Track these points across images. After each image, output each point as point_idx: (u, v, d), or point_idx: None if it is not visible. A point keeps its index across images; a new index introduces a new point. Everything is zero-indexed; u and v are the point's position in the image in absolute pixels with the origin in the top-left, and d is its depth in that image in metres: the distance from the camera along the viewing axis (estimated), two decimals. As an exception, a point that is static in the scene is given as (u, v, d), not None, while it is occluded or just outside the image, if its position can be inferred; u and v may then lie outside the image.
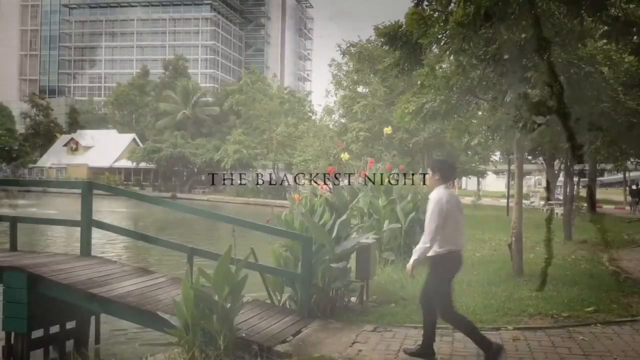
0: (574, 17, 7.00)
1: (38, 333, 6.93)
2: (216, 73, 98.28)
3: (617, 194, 44.37)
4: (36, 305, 6.59)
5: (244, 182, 55.61)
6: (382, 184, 10.89)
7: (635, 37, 7.41)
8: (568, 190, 17.13)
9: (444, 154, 29.74)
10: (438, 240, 5.15)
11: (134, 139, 69.27)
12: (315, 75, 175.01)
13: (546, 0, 6.89)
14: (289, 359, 5.34)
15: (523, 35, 7.54)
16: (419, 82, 9.98)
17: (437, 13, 8.69)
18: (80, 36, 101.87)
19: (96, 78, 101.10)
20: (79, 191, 8.26)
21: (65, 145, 70.30)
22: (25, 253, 8.28)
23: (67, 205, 36.43)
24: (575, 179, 19.90)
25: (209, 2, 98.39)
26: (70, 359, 6.69)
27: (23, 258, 7.49)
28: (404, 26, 10.54)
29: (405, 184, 12.32)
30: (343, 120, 31.36)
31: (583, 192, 29.16)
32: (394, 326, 6.35)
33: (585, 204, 26.99)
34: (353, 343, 5.70)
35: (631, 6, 7.01)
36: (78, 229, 8.08)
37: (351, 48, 28.62)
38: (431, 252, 5.20)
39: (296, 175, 47.41)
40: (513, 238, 9.55)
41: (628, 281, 9.36)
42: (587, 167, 26.49)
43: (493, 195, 50.04)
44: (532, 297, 7.61)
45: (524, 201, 10.85)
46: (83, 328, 7.55)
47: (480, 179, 51.55)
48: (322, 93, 69.58)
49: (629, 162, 26.27)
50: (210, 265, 6.00)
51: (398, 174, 12.96)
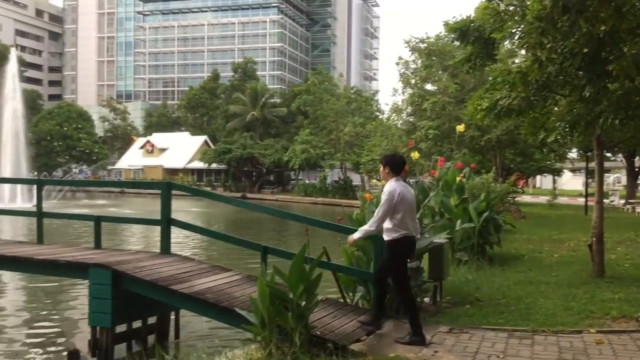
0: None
1: (121, 328, 7.25)
2: (284, 74, 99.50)
3: None
4: (119, 301, 6.88)
5: (312, 182, 56.12)
6: (454, 183, 10.72)
7: None
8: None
9: (518, 152, 28.91)
10: (393, 226, 5.81)
11: (206, 141, 71.18)
12: (382, 73, 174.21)
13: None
14: (364, 358, 5.34)
15: (603, 27, 7.23)
16: (492, 78, 9.74)
17: (512, 7, 8.47)
18: (154, 42, 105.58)
19: (169, 82, 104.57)
20: (154, 192, 8.57)
21: (141, 147, 73.07)
22: (108, 251, 8.69)
23: (144, 205, 37.92)
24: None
25: (276, 5, 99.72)
26: (152, 353, 6.97)
27: (107, 256, 7.85)
28: (476, 21, 10.37)
29: (477, 183, 12.11)
30: (411, 118, 30.99)
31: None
32: (470, 328, 6.23)
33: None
34: (428, 344, 5.64)
35: None
36: (152, 228, 8.39)
37: (420, 44, 28.25)
38: (388, 237, 5.88)
39: (365, 174, 47.33)
40: (594, 238, 9.17)
41: None
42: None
43: (569, 194, 48.26)
44: (615, 300, 7.31)
45: (604, 200, 10.38)
46: (163, 323, 7.84)
47: (555, 177, 49.75)
48: (389, 92, 68.90)
49: None
50: (279, 263, 6.09)
51: (470, 173, 12.75)
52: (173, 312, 7.94)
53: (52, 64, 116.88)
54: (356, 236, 6.04)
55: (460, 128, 12.93)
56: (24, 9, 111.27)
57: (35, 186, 9.81)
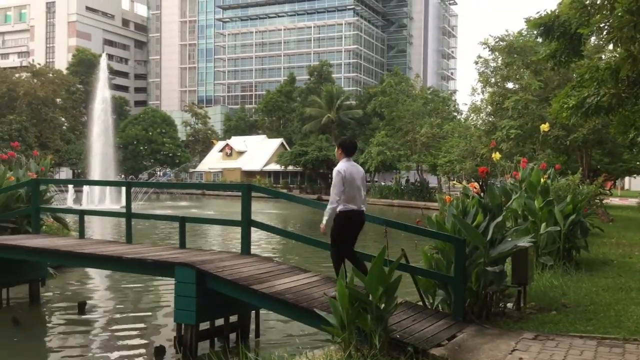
0: None
1: (204, 325, 7.48)
2: (359, 76, 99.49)
3: None
4: (203, 299, 7.10)
5: (387, 184, 55.76)
6: (538, 185, 10.34)
7: None
8: None
9: (606, 152, 27.51)
10: (342, 200, 6.43)
11: (282, 143, 72.30)
12: (460, 73, 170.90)
13: None
14: (445, 363, 5.25)
15: None
16: (577, 75, 9.33)
17: (600, 0, 8.09)
18: (233, 48, 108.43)
19: (247, 87, 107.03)
20: (233, 193, 8.79)
21: (220, 150, 75.11)
22: (192, 250, 8.98)
23: (223, 206, 39.01)
24: None
25: (352, 7, 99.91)
26: (233, 351, 7.14)
27: (191, 255, 8.11)
28: (561, 16, 9.97)
29: (562, 185, 11.62)
30: (491, 118, 30.09)
31: None
32: (557, 335, 5.98)
33: None
34: (512, 350, 5.46)
35: None
36: (230, 228, 8.60)
37: (500, 43, 27.42)
38: (330, 211, 6.48)
39: (442, 176, 46.47)
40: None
41: None
42: None
43: (662, 196, 45.42)
44: None
45: None
46: (244, 322, 8.01)
47: (646, 179, 47.03)
48: (468, 91, 67.38)
49: None
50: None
51: (555, 174, 12.26)
52: (253, 311, 8.10)
53: (138, 72, 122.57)
54: (324, 222, 6.52)
55: (544, 127, 12.47)
56: (112, 19, 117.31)
57: (124, 188, 10.28)
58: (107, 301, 10.74)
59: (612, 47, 8.16)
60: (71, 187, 36.43)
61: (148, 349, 7.69)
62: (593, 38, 14.17)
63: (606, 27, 8.21)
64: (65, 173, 77.56)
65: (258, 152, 71.81)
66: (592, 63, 8.85)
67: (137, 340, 8.21)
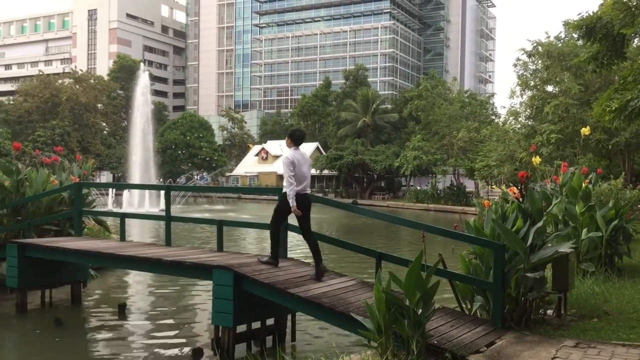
0: None
1: (241, 328, 7.54)
2: (395, 80, 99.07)
3: None
4: (240, 302, 7.16)
5: (423, 188, 55.31)
6: (579, 189, 10.10)
7: None
8: None
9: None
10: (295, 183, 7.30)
11: (317, 147, 72.42)
12: (498, 76, 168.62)
13: None
14: (483, 370, 5.17)
15: None
16: (620, 77, 9.10)
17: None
18: (269, 53, 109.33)
19: (283, 91, 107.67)
20: (269, 197, 8.90)
21: (256, 154, 75.74)
22: (229, 253, 9.07)
23: (259, 210, 39.31)
24: None
25: (388, 11, 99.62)
26: (270, 354, 7.19)
27: (229, 258, 8.20)
28: (603, 17, 9.74)
29: (604, 189, 11.33)
30: (530, 122, 29.58)
31: None
32: (599, 343, 5.83)
33: None
34: (553, 358, 5.34)
35: None
36: (267, 232, 8.66)
37: (539, 47, 26.94)
38: (292, 193, 7.28)
39: (479, 180, 45.83)
40: None
41: None
42: None
43: None
44: None
45: None
46: (281, 325, 8.05)
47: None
48: (507, 94, 66.34)
49: None
50: (391, 269, 6.04)
51: (597, 178, 11.98)
52: (289, 315, 8.13)
53: (176, 77, 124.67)
54: (292, 204, 7.28)
55: (585, 131, 12.18)
56: (151, 26, 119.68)
57: (163, 192, 10.45)
58: (146, 303, 10.93)
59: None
60: (111, 191, 37.22)
61: (186, 351, 7.79)
62: (636, 40, 13.78)
63: (651, 28, 8.00)
64: (105, 177, 79.38)
65: (294, 156, 72.03)
66: (636, 65, 8.62)
67: (175, 342, 8.33)
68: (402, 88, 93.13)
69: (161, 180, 64.40)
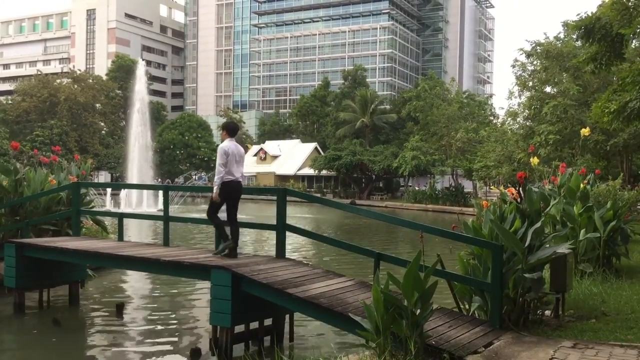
0: None
1: (240, 328, 7.54)
2: (393, 80, 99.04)
3: None
4: (238, 302, 7.15)
5: (421, 189, 55.32)
6: (578, 190, 10.11)
7: None
8: None
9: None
10: (225, 173, 7.91)
11: (316, 148, 72.44)
12: (497, 76, 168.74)
13: None
14: (481, 371, 5.17)
15: None
16: (619, 78, 9.11)
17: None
18: (268, 53, 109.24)
19: (282, 91, 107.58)
20: (267, 197, 8.97)
21: (255, 154, 75.65)
22: (228, 253, 9.05)
23: (257, 210, 39.27)
24: None
25: (387, 11, 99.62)
26: (268, 354, 7.19)
27: (227, 258, 8.19)
28: (602, 18, 9.75)
29: (603, 190, 11.34)
30: (529, 122, 29.61)
31: None
32: (597, 343, 5.84)
33: None
34: (551, 359, 5.35)
35: None
36: (264, 232, 8.70)
37: (537, 48, 26.97)
38: (218, 181, 7.93)
39: (478, 181, 45.88)
40: None
41: None
42: None
43: None
44: None
45: None
46: (279, 325, 8.05)
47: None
48: (505, 95, 66.36)
49: None
50: (389, 270, 6.04)
51: (595, 179, 11.99)
52: (287, 315, 8.13)
53: (175, 77, 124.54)
54: (215, 191, 7.95)
55: (585, 132, 12.19)
56: (150, 26, 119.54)
57: (161, 192, 10.45)
58: (144, 303, 10.92)
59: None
60: (109, 191, 37.16)
61: (184, 351, 7.79)
62: (635, 41, 13.81)
63: (649, 29, 8.01)
64: (104, 177, 79.29)
65: (292, 157, 72.12)
66: (635, 66, 8.63)
67: (173, 342, 8.33)
68: (401, 88, 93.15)
69: (159, 180, 64.32)
